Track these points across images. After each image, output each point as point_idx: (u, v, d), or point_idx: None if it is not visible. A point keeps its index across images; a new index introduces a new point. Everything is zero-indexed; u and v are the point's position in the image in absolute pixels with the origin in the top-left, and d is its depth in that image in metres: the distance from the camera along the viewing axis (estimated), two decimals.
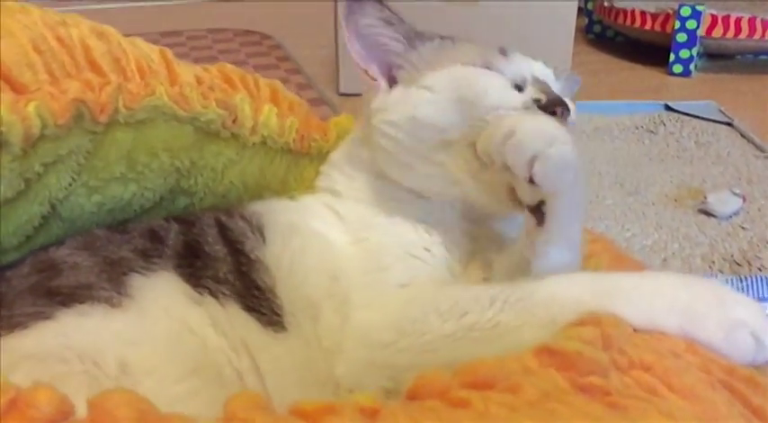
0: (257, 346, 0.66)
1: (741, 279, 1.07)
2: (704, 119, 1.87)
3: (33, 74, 0.70)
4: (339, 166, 0.84)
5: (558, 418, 0.42)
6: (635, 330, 0.55)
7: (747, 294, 1.06)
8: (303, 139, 0.92)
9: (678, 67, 2.26)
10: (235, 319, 0.67)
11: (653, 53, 2.35)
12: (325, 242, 0.75)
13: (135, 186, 0.80)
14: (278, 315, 0.68)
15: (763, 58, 2.44)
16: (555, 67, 0.79)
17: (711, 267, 1.21)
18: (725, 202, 1.39)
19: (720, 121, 1.85)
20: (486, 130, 0.64)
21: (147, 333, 0.63)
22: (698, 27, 2.18)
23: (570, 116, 0.71)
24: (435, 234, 0.73)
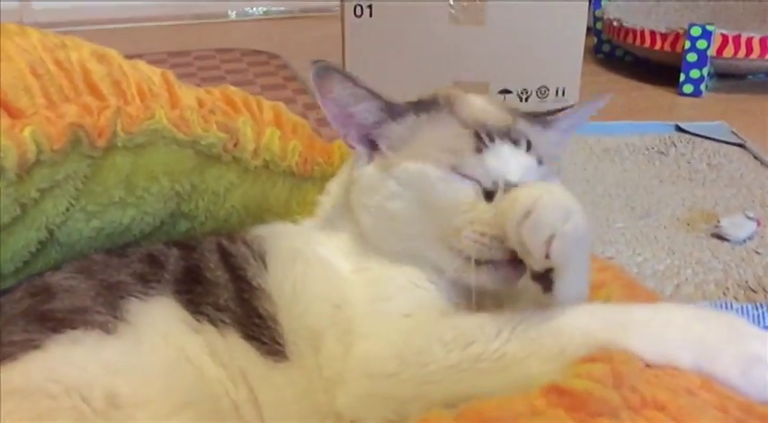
0: (257, 377, 0.64)
1: (756, 306, 1.04)
2: (716, 140, 1.85)
3: (30, 98, 0.70)
4: (334, 199, 0.82)
5: None
6: (647, 365, 0.53)
7: (762, 322, 1.03)
8: (306, 163, 0.91)
9: (689, 88, 2.24)
10: (234, 348, 0.65)
11: (663, 73, 2.33)
12: (328, 269, 0.73)
13: (134, 211, 0.79)
14: (279, 344, 0.66)
15: None
16: (539, 156, 0.72)
17: (725, 294, 1.18)
18: (739, 225, 1.36)
19: (732, 143, 1.83)
20: (501, 205, 0.61)
21: (142, 361, 0.61)
22: (708, 47, 2.16)
23: None
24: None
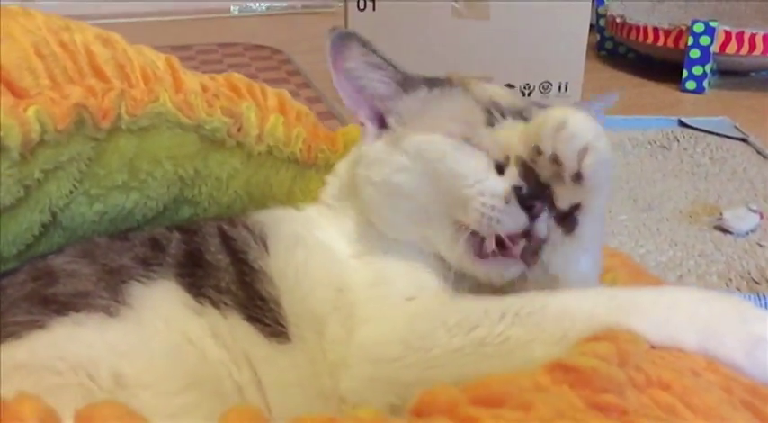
0: (260, 358, 0.64)
1: (759, 297, 1.04)
2: (718, 135, 1.85)
3: (34, 78, 0.69)
4: (340, 181, 0.82)
5: None
6: (652, 347, 0.53)
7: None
8: (310, 150, 0.91)
9: (691, 84, 2.24)
10: (237, 330, 0.65)
11: (666, 70, 2.34)
12: (330, 254, 0.73)
13: (137, 195, 0.79)
14: (282, 326, 0.66)
15: None
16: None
17: (728, 285, 1.18)
18: (741, 218, 1.36)
19: (735, 138, 1.83)
20: (532, 125, 0.62)
21: (145, 344, 0.61)
22: (711, 43, 2.16)
23: (541, 220, 0.65)
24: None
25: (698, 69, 2.22)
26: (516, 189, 0.64)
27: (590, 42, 2.16)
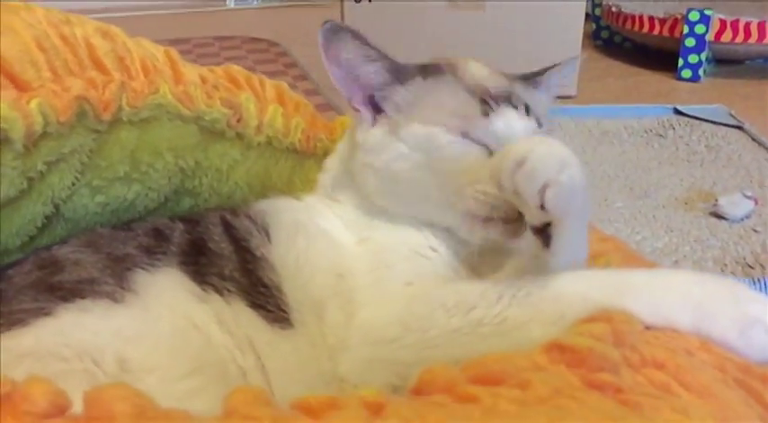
0: (263, 343, 0.65)
1: (754, 282, 1.05)
2: (714, 122, 1.85)
3: (36, 71, 0.70)
4: (333, 174, 0.83)
5: (569, 414, 0.41)
6: (647, 328, 0.54)
7: None
8: (309, 140, 0.92)
9: (687, 72, 2.25)
10: (240, 316, 0.66)
11: (661, 58, 2.34)
12: (330, 240, 0.74)
13: (139, 186, 0.80)
14: (284, 312, 0.67)
15: None
16: (537, 118, 0.74)
17: (723, 270, 1.19)
18: (736, 204, 1.37)
19: (730, 125, 1.84)
20: (496, 157, 0.61)
21: (150, 329, 0.62)
22: (707, 32, 2.17)
23: None
24: (440, 235, 0.73)
25: (693, 58, 2.23)
26: None
27: (586, 32, 2.17)
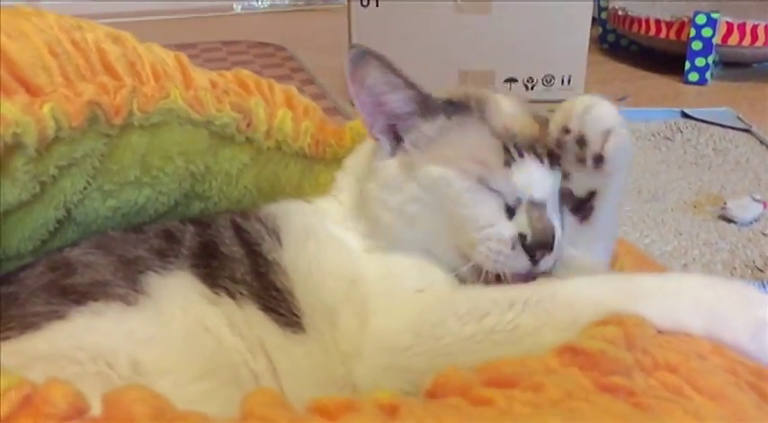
0: (275, 347, 0.65)
1: (764, 285, 1.05)
2: (722, 126, 1.85)
3: (48, 76, 0.71)
4: (349, 176, 0.83)
5: (583, 416, 0.41)
6: (659, 332, 0.54)
7: None
8: (318, 144, 0.92)
9: (694, 76, 2.25)
10: (252, 319, 0.66)
11: (668, 62, 2.34)
12: (341, 246, 0.74)
13: (149, 190, 0.80)
14: (296, 316, 0.67)
15: None
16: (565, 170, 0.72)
17: (733, 273, 1.19)
18: (745, 207, 1.37)
19: (738, 128, 1.83)
20: (564, 105, 0.68)
21: (163, 332, 0.62)
22: (713, 35, 2.16)
23: (549, 259, 0.68)
24: None
25: (700, 61, 2.22)
26: (522, 237, 0.67)
27: (592, 35, 2.17)
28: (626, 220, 1.38)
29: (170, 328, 0.63)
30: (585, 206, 0.65)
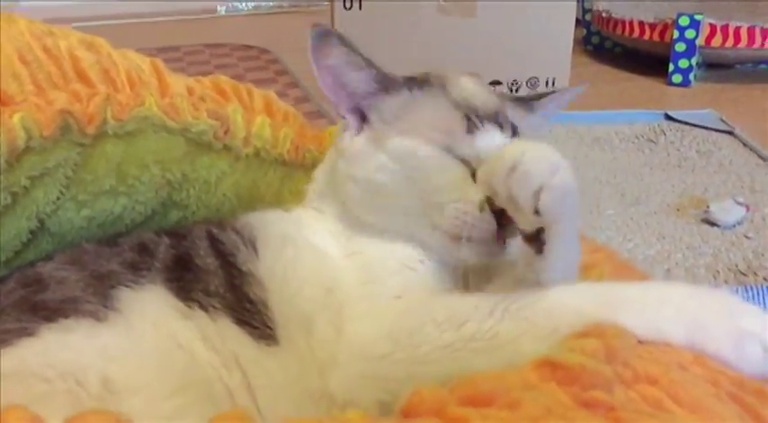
0: (249, 361, 0.64)
1: (747, 289, 1.05)
2: (705, 128, 1.85)
3: (19, 85, 0.69)
4: (321, 186, 0.82)
5: None
6: (640, 342, 0.53)
7: (754, 304, 1.03)
8: (298, 150, 0.91)
9: (677, 77, 2.25)
10: (225, 332, 0.65)
11: (652, 63, 2.34)
12: (318, 253, 0.73)
13: (125, 200, 0.79)
14: (270, 328, 0.66)
15: (763, 67, 2.43)
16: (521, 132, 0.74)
17: (716, 277, 1.19)
18: (728, 211, 1.37)
19: (721, 130, 1.84)
20: (488, 163, 0.62)
21: (134, 348, 0.61)
22: (697, 36, 2.17)
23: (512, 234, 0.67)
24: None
25: (684, 62, 2.23)
26: (489, 200, 0.66)
27: (576, 37, 2.17)
28: (609, 224, 1.38)
29: (141, 344, 0.62)
30: (537, 240, 0.61)
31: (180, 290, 0.67)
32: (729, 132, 1.82)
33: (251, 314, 0.66)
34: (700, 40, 2.18)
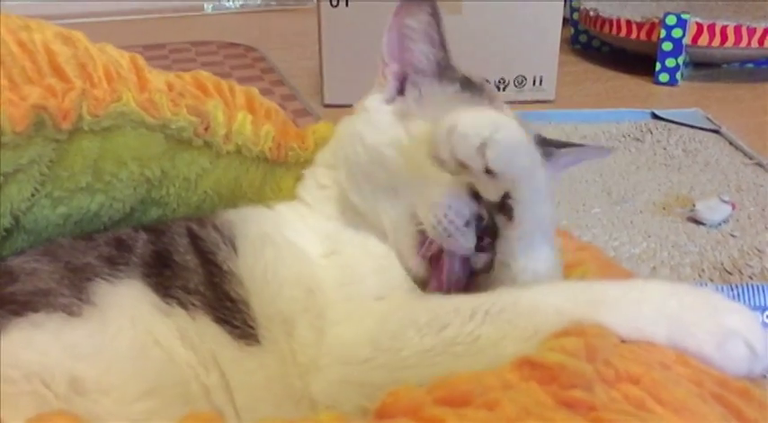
0: (228, 360, 0.63)
1: (732, 287, 1.04)
2: (691, 126, 1.86)
3: None
4: (318, 169, 0.82)
5: None
6: (622, 341, 0.52)
7: (739, 302, 1.03)
8: (280, 148, 0.90)
9: (664, 76, 2.25)
10: (205, 331, 0.64)
11: (639, 62, 2.34)
12: (299, 253, 0.72)
13: (102, 197, 0.77)
14: (251, 327, 0.65)
15: (750, 66, 2.44)
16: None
17: (701, 276, 1.19)
18: (714, 209, 1.36)
19: (708, 129, 1.84)
20: (431, 134, 0.62)
21: (108, 345, 0.59)
22: (683, 35, 2.17)
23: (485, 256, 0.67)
24: None
25: (671, 61, 2.23)
26: (479, 218, 0.65)
27: (564, 36, 2.16)
28: (595, 223, 1.37)
29: (117, 340, 0.60)
30: (505, 206, 0.61)
31: (159, 286, 0.65)
32: (716, 131, 1.83)
33: (231, 313, 0.65)
34: (686, 40, 2.18)
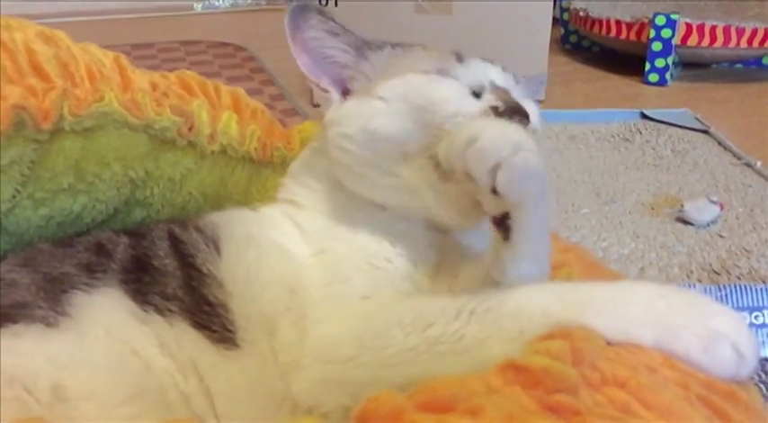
0: (207, 366, 0.62)
1: (720, 288, 1.04)
2: (680, 127, 1.86)
3: None
4: (298, 177, 0.80)
5: None
6: (608, 343, 0.52)
7: (726, 304, 1.03)
8: (265, 148, 0.89)
9: (654, 76, 2.25)
10: (183, 337, 0.63)
11: (628, 62, 2.35)
12: (283, 253, 0.71)
13: (85, 198, 0.77)
14: (230, 331, 0.64)
15: (739, 66, 2.44)
16: (513, 72, 0.76)
17: (689, 276, 1.18)
18: (702, 209, 1.36)
19: (697, 129, 1.84)
20: (448, 136, 0.60)
21: (86, 355, 0.58)
22: (673, 36, 2.17)
23: (530, 124, 0.68)
24: (399, 245, 0.70)
25: (660, 62, 2.23)
26: (494, 108, 0.65)
27: (554, 36, 2.16)
28: (584, 223, 1.37)
29: (93, 351, 0.59)
30: (503, 225, 0.58)
31: (136, 292, 0.64)
32: (705, 131, 1.83)
33: (209, 317, 0.64)
34: (676, 40, 2.19)
